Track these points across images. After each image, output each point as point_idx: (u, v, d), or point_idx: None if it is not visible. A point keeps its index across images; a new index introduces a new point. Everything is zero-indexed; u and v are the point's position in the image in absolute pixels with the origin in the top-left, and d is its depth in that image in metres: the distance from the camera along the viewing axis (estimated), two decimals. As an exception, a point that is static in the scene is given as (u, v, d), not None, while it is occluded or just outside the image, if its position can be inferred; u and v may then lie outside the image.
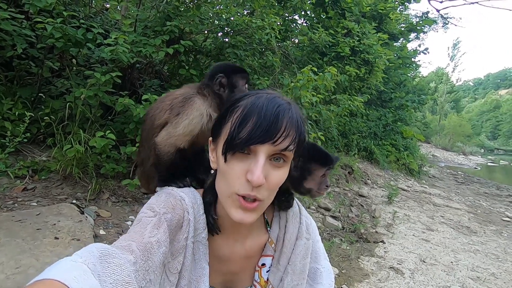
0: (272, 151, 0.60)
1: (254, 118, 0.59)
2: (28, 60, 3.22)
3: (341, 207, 5.02)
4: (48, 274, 0.43)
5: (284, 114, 0.60)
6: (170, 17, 3.37)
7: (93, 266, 0.47)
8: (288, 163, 0.65)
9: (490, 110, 57.76)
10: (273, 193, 0.66)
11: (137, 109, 2.97)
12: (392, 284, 3.10)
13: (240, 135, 0.59)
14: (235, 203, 0.62)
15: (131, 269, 0.52)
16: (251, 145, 0.59)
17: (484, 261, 3.99)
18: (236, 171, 0.61)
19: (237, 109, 0.63)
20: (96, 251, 0.50)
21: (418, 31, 10.30)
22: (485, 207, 7.52)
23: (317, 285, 0.84)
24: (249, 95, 0.65)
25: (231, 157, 0.62)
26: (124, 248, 0.56)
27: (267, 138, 0.58)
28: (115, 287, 0.47)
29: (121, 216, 2.90)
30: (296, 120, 0.62)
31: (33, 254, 1.84)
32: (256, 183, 0.58)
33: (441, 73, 43.10)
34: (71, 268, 0.45)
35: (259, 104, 0.60)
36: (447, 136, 29.11)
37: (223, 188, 0.65)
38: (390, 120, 10.19)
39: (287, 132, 0.59)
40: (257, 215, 0.65)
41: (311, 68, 3.38)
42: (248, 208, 0.62)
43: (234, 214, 0.63)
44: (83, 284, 0.42)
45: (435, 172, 12.71)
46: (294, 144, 0.61)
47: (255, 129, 0.58)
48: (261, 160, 0.59)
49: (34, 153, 3.15)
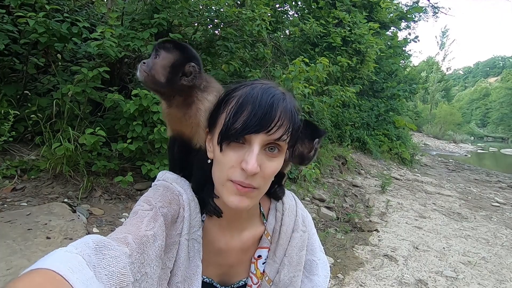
0: (266, 141, 0.61)
1: (249, 108, 0.59)
2: (12, 56, 3.11)
3: (335, 198, 5.07)
4: (42, 263, 0.41)
5: (279, 104, 0.60)
6: (158, 9, 3.29)
7: (88, 257, 0.46)
8: (282, 153, 0.65)
9: (480, 98, 58.72)
10: (269, 182, 0.66)
11: (127, 105, 2.92)
12: (386, 272, 3.16)
13: (235, 125, 0.59)
14: (231, 189, 0.63)
15: (126, 261, 0.51)
16: (245, 135, 0.60)
17: (475, 246, 4.08)
18: (231, 160, 0.61)
19: (232, 100, 0.63)
20: (91, 242, 0.49)
21: (409, 19, 10.32)
22: (476, 193, 7.68)
23: (313, 277, 0.85)
24: (244, 85, 0.65)
25: (226, 146, 0.62)
26: (120, 240, 0.55)
27: (262, 127, 0.59)
28: (110, 278, 0.47)
29: (115, 213, 2.87)
30: (290, 110, 0.62)
31: (24, 255, 1.82)
32: (251, 172, 0.59)
33: (431, 62, 43.45)
34: (66, 258, 0.43)
35: (253, 94, 0.61)
36: (438, 125, 29.55)
37: (218, 175, 0.65)
38: (382, 110, 10.26)
39: (281, 121, 0.60)
40: (252, 202, 0.65)
41: (302, 59, 3.36)
42: (243, 192, 0.62)
43: (230, 200, 0.63)
44: (78, 275, 0.41)
45: (427, 161, 12.90)
46: (288, 134, 0.62)
47: (249, 119, 0.59)
48: (255, 149, 0.60)
49: (22, 152, 3.08)
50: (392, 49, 9.36)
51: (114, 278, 0.47)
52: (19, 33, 2.99)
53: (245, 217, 0.78)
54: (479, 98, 58.78)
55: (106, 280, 0.46)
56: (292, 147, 0.69)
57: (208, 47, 3.75)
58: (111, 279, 0.47)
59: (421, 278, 3.09)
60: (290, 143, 0.64)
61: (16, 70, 3.24)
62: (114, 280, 0.47)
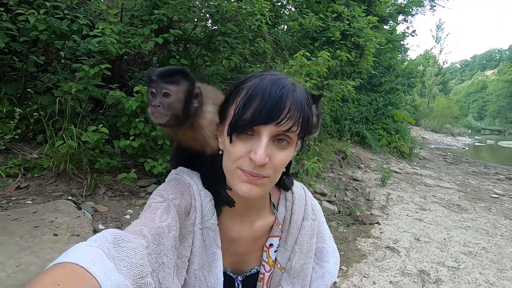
0: (275, 132, 0.61)
1: (258, 99, 0.59)
2: (11, 55, 3.09)
3: (336, 192, 5.10)
4: (65, 258, 0.43)
5: (288, 95, 0.60)
6: (158, 5, 3.27)
7: (107, 250, 0.48)
8: (292, 145, 0.65)
9: (477, 91, 58.91)
10: (279, 172, 0.67)
11: (129, 102, 2.92)
12: (389, 263, 3.20)
13: (244, 116, 0.60)
14: (241, 177, 0.64)
15: (144, 252, 0.53)
16: (254, 126, 0.60)
17: (475, 237, 4.14)
18: (240, 151, 0.62)
19: (241, 91, 0.63)
20: (109, 236, 0.51)
21: (407, 13, 10.30)
22: (474, 185, 7.74)
23: (323, 263, 0.87)
24: (253, 77, 0.65)
25: (235, 138, 0.63)
26: (136, 233, 0.57)
27: (271, 119, 0.59)
28: (130, 269, 0.49)
29: (119, 210, 2.88)
30: (300, 101, 0.62)
31: (33, 252, 1.83)
32: (259, 163, 0.59)
33: (428, 56, 43.46)
34: (86, 252, 0.45)
35: (263, 86, 0.61)
36: (436, 118, 29.62)
37: (228, 164, 0.66)
38: (381, 104, 10.28)
39: (291, 113, 0.60)
40: (262, 191, 0.66)
41: (304, 53, 3.36)
42: (253, 181, 0.63)
43: (240, 188, 0.64)
44: (99, 266, 0.43)
45: (426, 154, 12.98)
46: (298, 125, 0.61)
47: (259, 110, 0.59)
48: (264, 140, 0.60)
49: (25, 151, 3.07)
50: (391, 43, 9.34)
51: (133, 269, 0.49)
52: (18, 31, 2.97)
53: (256, 207, 0.80)
54: (476, 91, 58.99)
55: (125, 271, 0.48)
56: (303, 138, 0.68)
57: (208, 43, 3.73)
58: (131, 270, 0.49)
59: (423, 269, 3.13)
60: (300, 134, 0.64)
61: (15, 69, 3.21)
62: (133, 271, 0.49)
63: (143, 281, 0.50)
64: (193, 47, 3.95)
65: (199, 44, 3.81)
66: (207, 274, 0.72)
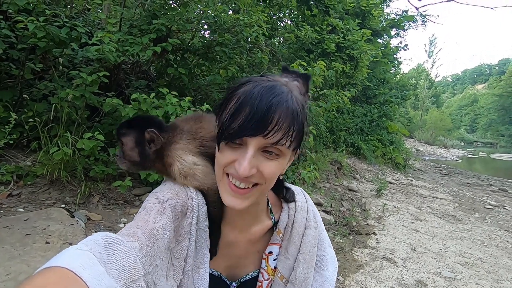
0: (263, 144, 0.59)
1: (247, 109, 0.57)
2: (8, 61, 3.09)
3: (332, 202, 5.09)
4: (55, 262, 0.43)
5: (278, 106, 0.57)
6: (156, 15, 3.32)
7: (98, 254, 0.47)
8: (283, 156, 0.63)
9: (468, 104, 60.09)
10: (272, 181, 0.65)
11: (126, 109, 2.92)
12: (386, 273, 3.17)
13: (232, 125, 0.58)
14: (227, 188, 0.63)
15: (136, 255, 0.52)
16: (241, 137, 0.58)
17: (471, 247, 4.14)
18: (227, 158, 0.62)
19: (233, 98, 0.61)
20: (101, 239, 0.50)
21: (400, 27, 10.59)
22: (469, 196, 7.80)
23: (323, 272, 0.85)
24: (248, 82, 0.63)
25: (224, 146, 0.62)
26: (129, 235, 0.56)
27: (258, 131, 0.57)
28: (121, 273, 0.48)
29: (113, 218, 2.83)
30: (293, 111, 0.59)
31: (23, 260, 1.78)
32: (242, 175, 0.58)
33: (421, 69, 44.44)
34: (77, 256, 0.45)
35: (253, 95, 0.58)
36: (429, 131, 30.05)
37: (217, 170, 0.66)
38: (375, 116, 10.41)
39: (280, 125, 0.57)
40: (249, 202, 0.65)
41: (300, 63, 3.41)
42: (237, 193, 0.62)
43: (225, 199, 0.64)
44: (89, 271, 0.43)
45: (420, 166, 13.08)
46: (287, 138, 0.59)
47: (246, 121, 0.57)
48: (249, 152, 0.58)
49: (18, 158, 3.03)
50: (385, 57, 9.56)
51: (125, 272, 0.48)
52: (16, 38, 2.98)
53: (253, 212, 0.78)
54: (468, 105, 60.17)
55: (117, 275, 0.47)
56: (297, 149, 0.65)
57: (206, 53, 3.78)
58: (122, 274, 0.48)
59: (420, 279, 3.11)
60: (292, 146, 0.61)
61: (12, 75, 3.21)
62: (125, 274, 0.48)
63: (135, 284, 0.49)
64: (191, 57, 4.00)
65: (197, 53, 3.86)
66: (195, 275, 0.70)
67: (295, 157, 0.70)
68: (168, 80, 3.86)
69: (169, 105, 2.92)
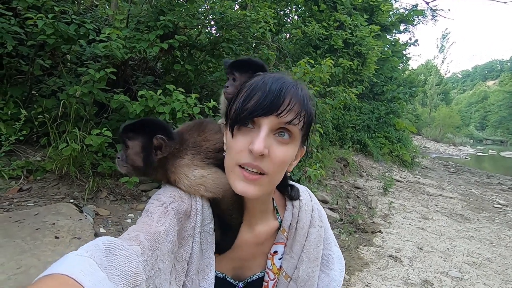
0: (276, 124, 0.61)
1: (259, 93, 0.61)
2: (18, 58, 3.13)
3: (338, 199, 5.07)
4: (55, 269, 0.42)
5: (288, 89, 0.61)
6: (163, 11, 3.32)
7: (99, 260, 0.47)
8: (294, 140, 0.64)
9: (478, 101, 58.94)
10: (280, 170, 0.65)
11: (133, 106, 2.93)
12: (391, 272, 3.16)
13: (246, 107, 0.61)
14: (238, 175, 0.63)
15: (138, 260, 0.52)
16: (255, 117, 0.60)
17: (478, 247, 4.09)
18: (240, 144, 0.62)
19: (244, 89, 0.65)
20: (102, 244, 0.50)
21: (409, 22, 10.39)
22: (477, 195, 7.68)
23: (329, 271, 0.85)
24: (257, 76, 0.67)
25: (237, 132, 0.63)
26: (132, 239, 0.55)
27: (271, 110, 0.59)
28: (123, 278, 0.47)
29: (120, 214, 2.86)
30: (302, 96, 0.63)
31: (34, 254, 1.81)
32: (257, 152, 0.59)
33: (430, 65, 43.69)
34: (77, 262, 0.44)
35: (264, 81, 0.63)
36: (438, 128, 29.57)
37: (228, 161, 0.66)
38: (382, 113, 10.29)
39: (292, 105, 0.60)
40: (260, 190, 0.64)
41: (308, 60, 3.38)
42: (250, 179, 0.62)
43: (236, 186, 0.64)
44: (90, 277, 0.42)
45: (427, 163, 12.92)
46: (300, 119, 0.62)
47: (260, 101, 0.60)
48: (263, 131, 0.60)
49: (28, 153, 3.08)
50: (394, 55, 9.41)
51: (127, 278, 0.48)
52: (26, 35, 3.01)
53: (258, 212, 0.78)
54: (478, 101, 59.02)
55: (118, 281, 0.47)
56: (306, 136, 0.68)
57: (212, 49, 3.77)
58: (124, 279, 0.47)
59: (427, 279, 3.09)
60: (303, 130, 0.65)
61: (22, 72, 3.25)
62: (127, 280, 0.48)
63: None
64: (197, 53, 3.99)
65: (203, 50, 3.85)
66: (201, 278, 0.70)
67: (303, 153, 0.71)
68: (175, 76, 3.86)
69: (176, 102, 2.93)
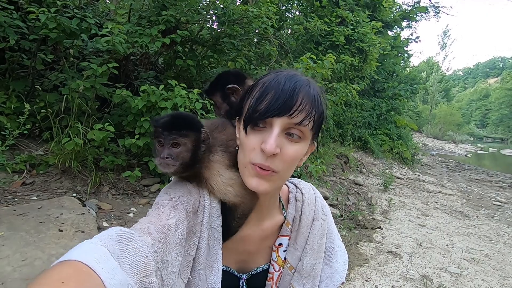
0: (288, 125, 0.62)
1: (272, 92, 0.62)
2: (20, 52, 3.13)
3: (338, 196, 5.09)
4: (70, 255, 0.44)
5: (301, 89, 0.62)
6: (165, 6, 3.30)
7: (112, 249, 0.48)
8: (305, 140, 0.66)
9: (480, 99, 58.72)
10: (290, 168, 0.67)
11: (135, 101, 2.94)
12: (391, 267, 3.18)
13: (258, 107, 0.62)
14: (251, 171, 0.65)
15: (149, 251, 0.53)
16: (268, 118, 0.61)
17: (478, 243, 4.11)
18: (253, 142, 0.64)
19: (257, 86, 0.66)
20: (115, 234, 0.51)
21: (411, 18, 10.32)
22: (477, 192, 7.70)
23: (333, 263, 0.87)
24: (270, 73, 0.68)
25: (250, 130, 0.64)
26: (142, 231, 0.57)
27: (283, 111, 0.60)
28: (134, 268, 0.49)
29: (123, 208, 2.89)
30: (313, 96, 0.64)
31: (38, 247, 1.83)
32: (269, 151, 0.60)
33: (431, 62, 43.49)
34: (91, 250, 0.46)
35: (277, 80, 0.63)
36: (438, 125, 29.56)
37: (242, 158, 0.68)
38: (383, 110, 10.28)
39: (303, 106, 0.61)
40: (271, 186, 0.66)
41: (310, 55, 3.38)
42: (262, 174, 0.64)
43: (250, 182, 0.66)
44: (103, 265, 0.44)
45: (428, 160, 12.93)
46: (310, 119, 0.63)
47: (272, 102, 0.61)
48: (275, 131, 0.61)
49: (30, 147, 3.10)
50: (395, 50, 9.37)
51: (137, 268, 0.49)
52: (28, 29, 3.01)
53: (265, 207, 0.79)
54: (479, 99, 58.81)
55: (129, 270, 0.48)
56: (317, 134, 0.69)
57: (214, 44, 3.76)
58: (135, 269, 0.49)
59: (426, 274, 3.11)
60: (314, 129, 0.65)
61: (24, 66, 3.25)
62: (137, 269, 0.49)
63: (147, 279, 0.50)
64: (199, 48, 3.98)
65: (205, 45, 3.85)
66: (208, 273, 0.71)
67: (313, 149, 0.73)
68: (176, 71, 3.86)
69: (178, 97, 2.94)
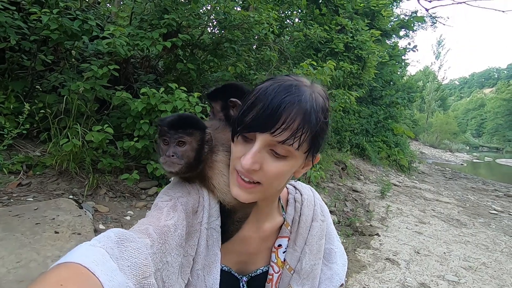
0: (271, 141, 0.59)
1: (260, 105, 0.58)
2: (21, 52, 3.12)
3: (336, 202, 5.09)
4: (69, 258, 0.44)
5: (289, 105, 0.57)
6: (167, 10, 3.33)
7: (111, 250, 0.48)
8: (293, 158, 0.62)
9: (475, 108, 59.37)
10: (275, 181, 0.65)
11: (135, 103, 2.94)
12: (389, 275, 3.17)
13: (245, 119, 0.60)
14: (235, 180, 0.65)
15: (148, 252, 0.53)
16: (250, 132, 0.60)
17: (475, 252, 4.11)
18: (238, 151, 0.63)
19: (253, 91, 0.63)
20: (114, 236, 0.51)
21: (409, 27, 10.48)
22: (473, 201, 7.74)
23: (332, 265, 0.86)
24: (271, 79, 0.64)
25: (237, 139, 0.64)
26: (141, 232, 0.57)
27: (266, 128, 0.57)
28: (133, 269, 0.49)
29: (120, 211, 2.86)
30: (305, 111, 0.58)
31: (33, 248, 1.80)
32: (244, 167, 0.60)
33: (428, 72, 44.00)
34: (90, 252, 0.46)
35: (268, 91, 0.59)
36: (434, 134, 29.78)
37: (230, 163, 0.68)
38: (381, 117, 10.36)
39: (288, 124, 0.57)
40: (253, 197, 0.66)
41: (310, 62, 3.40)
42: (243, 186, 0.64)
43: (233, 189, 0.66)
44: (102, 267, 0.43)
45: (424, 168, 12.99)
46: (295, 139, 0.58)
47: (257, 117, 0.58)
48: (255, 147, 0.59)
49: (28, 148, 3.07)
50: (393, 59, 9.48)
51: (136, 269, 0.49)
52: (28, 29, 3.01)
53: (265, 209, 0.79)
54: (475, 108, 59.45)
55: (128, 271, 0.48)
56: (313, 149, 0.64)
57: (215, 49, 3.78)
58: (134, 270, 0.49)
59: (423, 282, 3.10)
60: (302, 148, 0.60)
61: (23, 67, 3.24)
62: (136, 271, 0.49)
63: (146, 281, 0.50)
64: (199, 53, 4.00)
65: (206, 49, 3.86)
66: (206, 274, 0.71)
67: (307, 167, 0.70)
68: (176, 75, 3.87)
69: (178, 100, 2.94)
